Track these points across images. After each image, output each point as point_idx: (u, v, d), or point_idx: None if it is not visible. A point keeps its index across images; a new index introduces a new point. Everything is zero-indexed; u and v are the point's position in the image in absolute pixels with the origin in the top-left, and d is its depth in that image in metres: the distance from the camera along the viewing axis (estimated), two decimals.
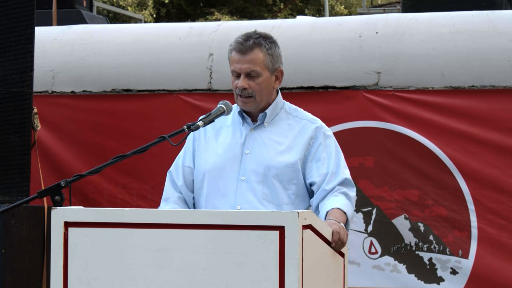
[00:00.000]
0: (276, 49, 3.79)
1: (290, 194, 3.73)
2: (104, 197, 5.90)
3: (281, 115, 3.83)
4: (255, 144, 3.76)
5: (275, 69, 3.78)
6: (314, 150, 3.76)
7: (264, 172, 3.70)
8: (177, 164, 3.90)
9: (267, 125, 3.80)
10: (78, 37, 6.14)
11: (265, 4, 26.48)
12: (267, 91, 3.77)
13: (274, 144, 3.76)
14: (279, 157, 3.73)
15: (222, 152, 3.77)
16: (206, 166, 3.78)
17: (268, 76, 3.75)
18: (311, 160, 3.75)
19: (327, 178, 3.73)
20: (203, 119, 3.64)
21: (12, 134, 5.30)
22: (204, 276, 3.08)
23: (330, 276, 3.43)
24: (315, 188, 3.75)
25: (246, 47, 3.71)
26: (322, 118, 3.90)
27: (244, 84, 3.70)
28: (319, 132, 3.80)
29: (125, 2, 24.71)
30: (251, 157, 3.74)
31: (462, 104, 5.38)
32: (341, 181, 3.75)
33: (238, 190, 3.71)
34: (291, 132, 3.79)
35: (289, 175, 3.72)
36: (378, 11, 16.92)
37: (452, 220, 5.35)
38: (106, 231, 3.18)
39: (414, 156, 5.40)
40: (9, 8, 5.31)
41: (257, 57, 3.71)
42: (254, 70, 3.70)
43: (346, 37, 5.64)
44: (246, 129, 3.80)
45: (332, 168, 3.75)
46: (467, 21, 5.53)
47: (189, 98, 5.78)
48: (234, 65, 3.73)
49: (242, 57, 3.71)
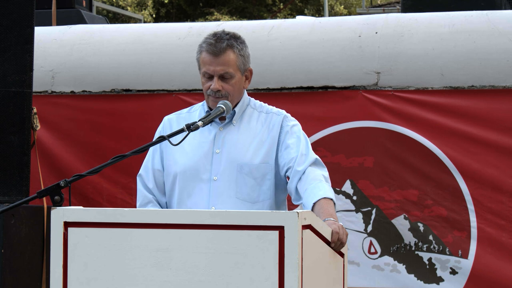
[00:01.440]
0: (246, 49, 3.81)
1: (266, 189, 3.73)
2: (103, 197, 5.90)
3: (247, 112, 3.84)
4: (225, 142, 3.76)
5: (246, 69, 3.80)
6: (282, 139, 3.77)
7: (237, 171, 3.70)
8: (146, 167, 3.89)
9: (235, 123, 3.80)
10: (77, 37, 6.14)
11: (265, 4, 26.49)
12: (238, 92, 3.79)
13: (244, 141, 3.76)
14: (251, 154, 3.73)
15: (192, 152, 3.76)
16: (176, 167, 3.77)
17: (240, 77, 3.77)
18: (281, 149, 3.76)
19: (297, 159, 3.72)
20: (203, 119, 3.63)
21: (12, 134, 5.29)
22: (204, 276, 3.08)
23: (329, 276, 3.43)
24: (289, 172, 3.74)
25: (219, 49, 3.72)
26: (322, 118, 3.92)
27: (218, 86, 3.71)
28: (284, 122, 3.80)
29: (125, 2, 24.72)
30: (222, 156, 3.73)
31: (461, 104, 5.38)
32: (312, 161, 3.74)
33: (211, 191, 3.71)
34: (260, 128, 3.79)
35: (262, 171, 3.73)
36: (378, 11, 16.93)
37: (452, 220, 5.35)
38: (106, 231, 3.18)
39: (413, 156, 5.41)
40: (9, 8, 5.31)
41: (229, 59, 3.72)
42: (228, 72, 3.72)
43: (345, 37, 5.64)
44: (215, 128, 3.79)
45: (302, 150, 3.75)
46: (466, 21, 5.53)
47: (188, 98, 5.78)
48: (207, 66, 3.73)
49: (215, 59, 3.72)
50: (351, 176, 5.49)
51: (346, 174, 5.50)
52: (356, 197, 5.49)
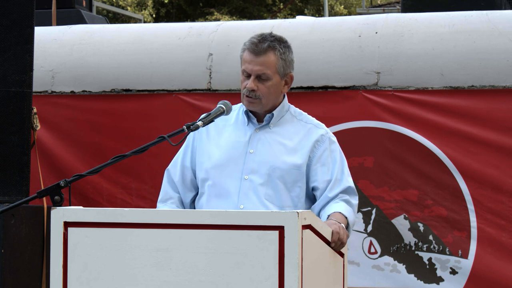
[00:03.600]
0: (290, 54, 3.76)
1: (294, 196, 3.71)
2: (103, 197, 5.90)
3: (286, 118, 3.81)
4: (259, 144, 3.74)
5: (286, 74, 3.75)
6: (320, 153, 3.74)
7: (268, 173, 3.68)
8: (175, 162, 3.88)
9: (272, 126, 3.78)
10: (77, 37, 6.14)
11: (265, 4, 26.50)
12: (274, 95, 3.74)
13: (279, 145, 3.73)
14: (285, 158, 3.71)
15: (226, 149, 3.75)
16: (209, 163, 3.75)
17: (278, 81, 3.72)
18: (316, 163, 3.73)
19: (330, 184, 3.71)
20: (203, 119, 3.63)
21: (12, 134, 5.30)
22: (204, 276, 3.08)
23: (329, 276, 3.43)
24: (318, 193, 3.73)
25: (260, 49, 3.68)
26: (322, 118, 3.90)
27: (253, 86, 3.68)
28: (325, 137, 3.77)
29: (125, 2, 24.72)
30: (255, 157, 3.71)
31: (461, 104, 5.38)
32: (344, 188, 3.73)
33: (241, 189, 3.69)
34: (297, 135, 3.76)
35: (293, 177, 3.70)
36: (378, 11, 16.94)
37: (452, 220, 5.35)
38: (106, 231, 3.18)
39: (413, 156, 5.41)
40: (9, 8, 5.31)
41: (269, 60, 3.68)
42: (265, 73, 3.68)
43: (345, 37, 5.64)
44: (251, 129, 3.77)
45: (336, 175, 3.73)
46: (466, 21, 5.53)
47: (188, 98, 5.78)
48: (246, 65, 3.70)
49: (254, 58, 3.68)
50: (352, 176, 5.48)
51: None
52: None
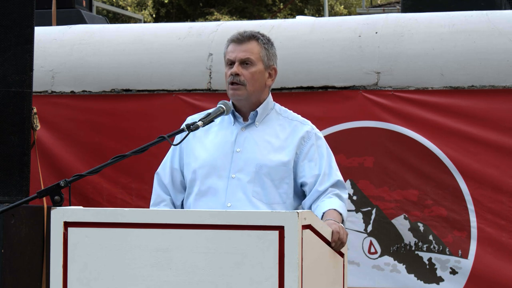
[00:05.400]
0: (272, 48, 3.83)
1: (282, 193, 3.73)
2: (103, 197, 5.90)
3: (271, 115, 3.83)
4: (246, 142, 3.76)
5: (269, 66, 3.80)
6: (306, 150, 3.76)
7: (255, 170, 3.70)
8: (164, 164, 3.90)
9: (258, 124, 3.80)
10: (77, 37, 6.14)
11: (265, 4, 26.50)
12: (259, 84, 3.77)
13: (265, 143, 3.76)
14: (271, 155, 3.73)
15: (213, 149, 3.76)
16: (196, 163, 3.77)
17: (262, 69, 3.76)
18: (303, 159, 3.75)
19: (319, 179, 3.73)
20: (203, 119, 3.64)
21: (12, 134, 5.30)
22: (204, 276, 3.08)
23: (329, 276, 3.43)
24: (307, 189, 3.75)
25: (244, 37, 3.75)
26: (322, 118, 3.92)
27: (237, 70, 3.71)
28: (311, 133, 3.80)
29: (125, 2, 24.72)
30: (242, 155, 3.73)
31: (461, 104, 5.38)
32: (334, 182, 3.75)
33: (228, 188, 3.70)
34: (283, 132, 3.79)
35: (281, 174, 3.72)
36: (378, 11, 16.95)
37: (452, 220, 5.35)
38: (106, 231, 3.18)
39: (413, 156, 5.41)
40: (9, 8, 5.31)
41: (253, 47, 3.74)
42: (249, 58, 3.72)
43: (345, 37, 5.64)
44: (237, 128, 3.79)
45: (325, 169, 3.75)
46: (466, 21, 5.53)
47: (188, 98, 5.78)
48: (229, 54, 3.75)
49: (238, 47, 3.74)
50: (351, 176, 5.49)
51: (346, 174, 5.48)
52: (356, 197, 5.49)
